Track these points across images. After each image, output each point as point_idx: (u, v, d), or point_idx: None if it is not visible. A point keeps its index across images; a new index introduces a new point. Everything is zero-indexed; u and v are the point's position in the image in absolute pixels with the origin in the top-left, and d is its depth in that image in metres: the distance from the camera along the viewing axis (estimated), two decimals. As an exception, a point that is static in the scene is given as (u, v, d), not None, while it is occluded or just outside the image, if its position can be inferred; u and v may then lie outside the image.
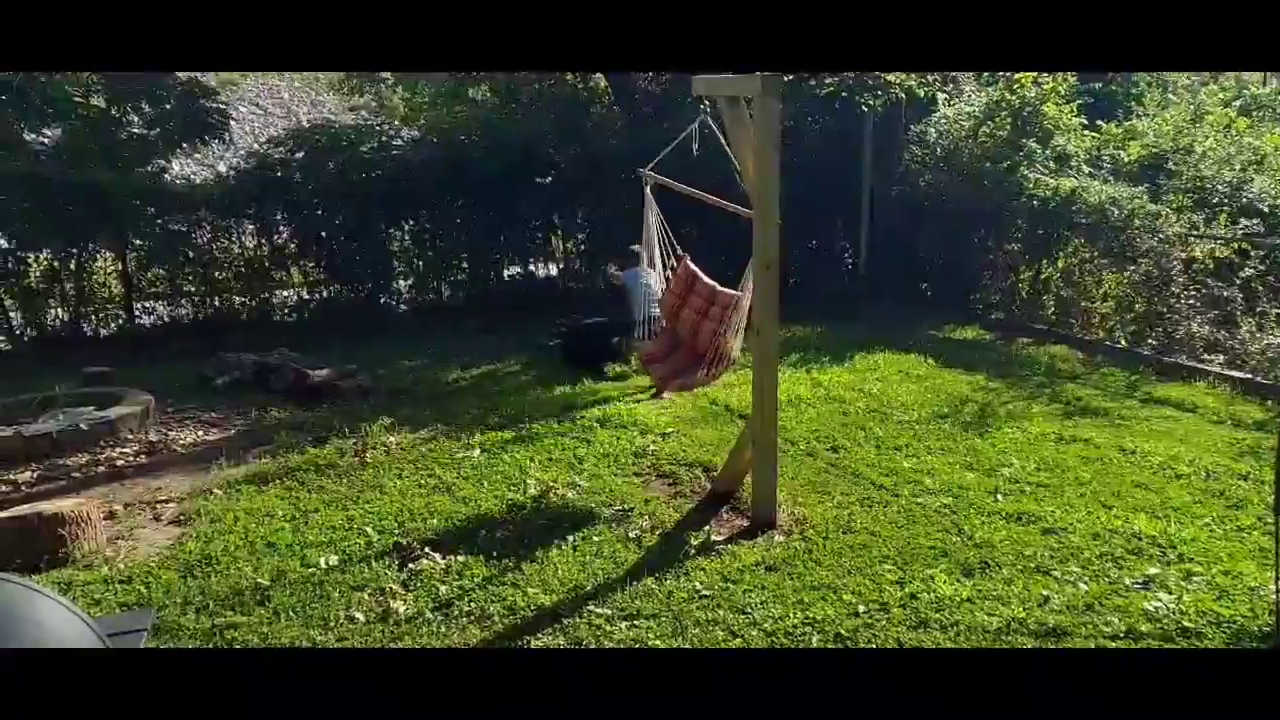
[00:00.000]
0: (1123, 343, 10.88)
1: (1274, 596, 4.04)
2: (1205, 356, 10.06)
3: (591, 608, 4.67)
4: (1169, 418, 7.96)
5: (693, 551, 5.23)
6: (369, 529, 5.63)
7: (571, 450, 7.02)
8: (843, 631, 4.35)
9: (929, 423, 7.69)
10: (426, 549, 5.29)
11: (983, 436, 7.32)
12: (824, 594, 4.72)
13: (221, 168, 13.27)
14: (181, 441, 7.56)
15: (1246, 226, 10.51)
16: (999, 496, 6.02)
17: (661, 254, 6.54)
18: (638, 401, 8.39)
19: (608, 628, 4.48)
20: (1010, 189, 12.16)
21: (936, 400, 8.37)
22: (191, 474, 6.79)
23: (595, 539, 5.46)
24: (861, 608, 4.58)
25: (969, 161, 12.77)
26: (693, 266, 6.39)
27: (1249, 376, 9.25)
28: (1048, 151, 12.41)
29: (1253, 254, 10.34)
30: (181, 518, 5.99)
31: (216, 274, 12.13)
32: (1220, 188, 11.43)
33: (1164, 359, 10.04)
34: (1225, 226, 10.79)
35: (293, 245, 12.47)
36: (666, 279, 6.61)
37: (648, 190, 6.32)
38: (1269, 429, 7.68)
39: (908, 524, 5.59)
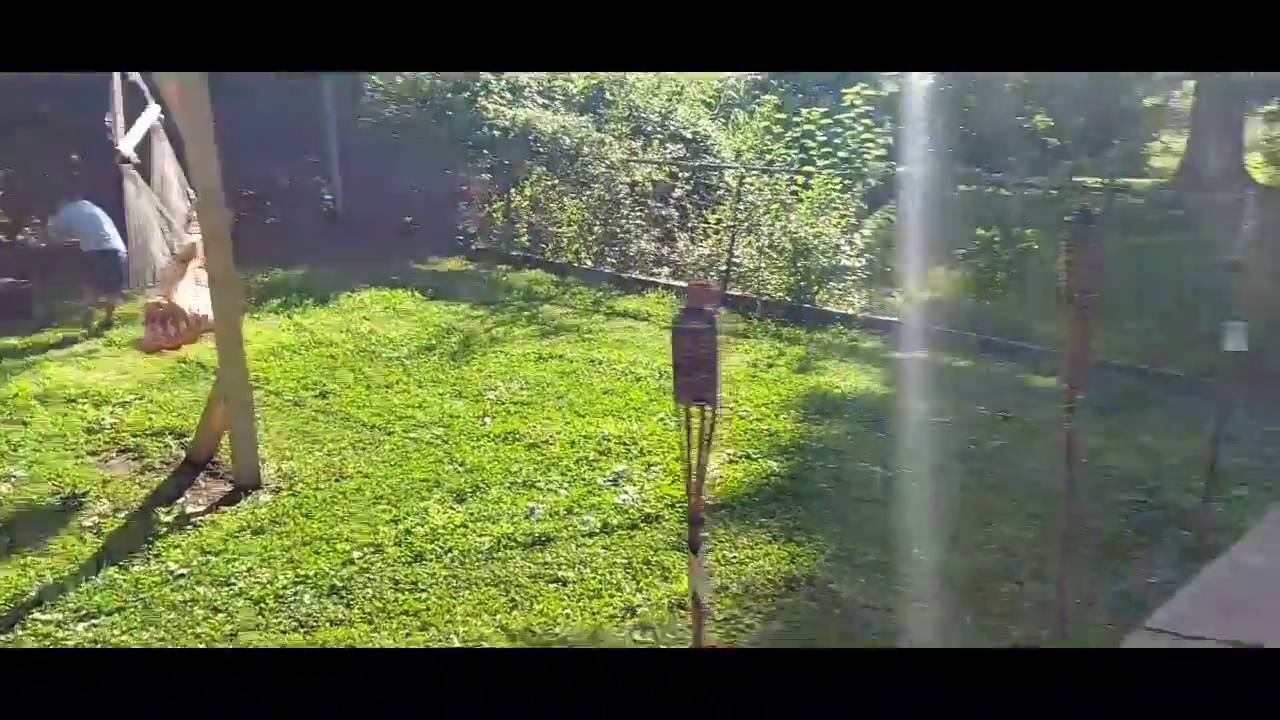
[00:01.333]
0: (588, 263, 11.88)
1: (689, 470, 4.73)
2: (655, 270, 11.38)
3: (37, 615, 3.96)
4: (629, 328, 8.87)
5: (164, 530, 4.67)
6: None
7: (4, 438, 5.85)
8: (337, 582, 4.19)
9: (418, 356, 7.71)
10: None
11: (469, 364, 7.52)
12: (316, 547, 4.50)
13: None
14: None
15: (673, 151, 11.97)
16: (487, 420, 6.23)
17: (163, 225, 5.58)
18: (87, 368, 7.26)
19: (59, 634, 3.83)
20: (473, 119, 12.50)
21: (425, 333, 8.42)
22: None
23: (39, 537, 4.63)
24: (356, 554, 4.45)
25: (430, 91, 12.83)
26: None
27: (687, 284, 10.65)
28: (503, 82, 12.91)
29: (680, 176, 11.84)
30: None
31: None
32: (652, 117, 12.85)
33: (622, 275, 11.17)
34: (658, 151, 12.18)
35: None
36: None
37: (127, 170, 5.31)
38: (705, 329, 8.90)
39: (401, 461, 5.55)
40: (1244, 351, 4.43)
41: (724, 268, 10.57)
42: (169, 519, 4.79)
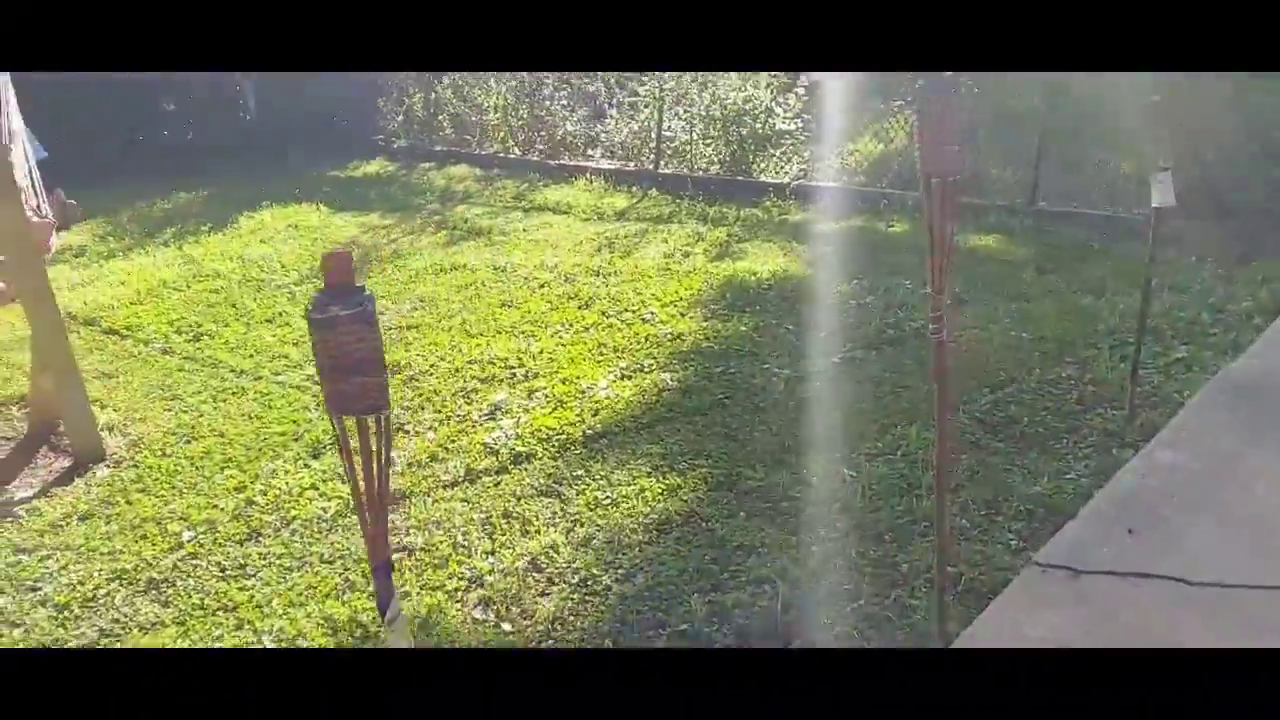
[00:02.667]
0: (516, 153, 11.08)
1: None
2: (588, 152, 10.59)
3: None
4: (546, 224, 8.20)
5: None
6: None
7: None
8: (157, 574, 3.72)
9: (308, 281, 7.09)
10: None
11: (364, 283, 6.91)
12: (144, 532, 4.02)
13: None
14: None
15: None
16: (367, 351, 5.66)
17: None
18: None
19: None
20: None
21: (324, 252, 7.77)
22: None
23: None
24: (188, 535, 3.97)
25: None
26: None
27: (617, 166, 9.89)
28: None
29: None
30: None
31: None
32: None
33: (550, 163, 10.39)
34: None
35: None
36: None
37: None
38: (627, 217, 8.24)
39: (262, 412, 5.02)
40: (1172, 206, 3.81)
41: (654, 144, 9.79)
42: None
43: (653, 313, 5.75)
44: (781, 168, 8.98)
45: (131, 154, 11.82)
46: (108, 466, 4.63)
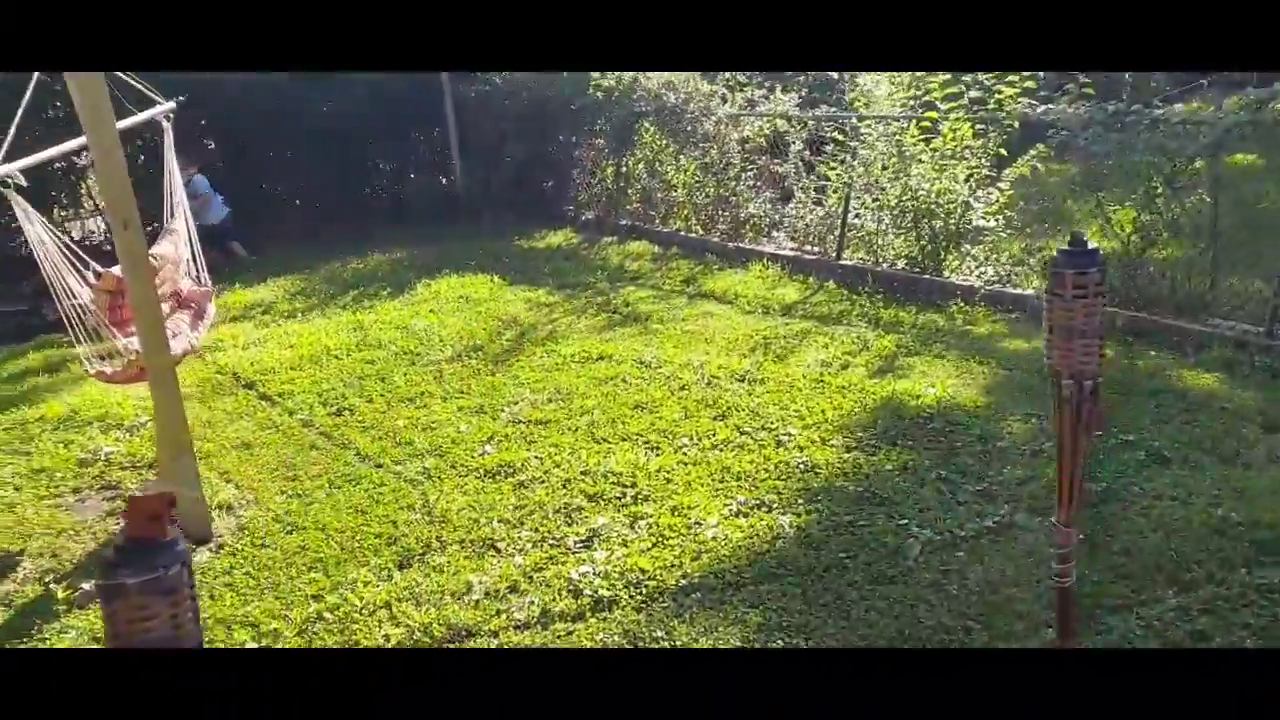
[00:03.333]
0: (698, 231, 10.82)
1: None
2: (773, 234, 10.18)
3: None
4: (707, 313, 7.82)
5: (66, 607, 4.19)
6: None
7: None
8: (205, 691, 3.55)
9: (460, 359, 7.02)
10: None
11: (511, 367, 6.76)
12: (212, 637, 3.88)
13: None
14: None
15: (785, 102, 10.60)
16: (489, 447, 5.44)
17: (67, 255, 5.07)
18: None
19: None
20: (581, 80, 11.63)
21: (482, 329, 7.72)
22: None
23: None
24: (251, 644, 3.80)
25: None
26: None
27: (797, 253, 9.40)
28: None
29: (804, 125, 10.47)
30: None
31: None
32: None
33: (729, 244, 10.04)
34: (789, 90, 10.86)
35: None
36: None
37: (11, 196, 4.53)
38: (794, 313, 7.72)
39: (371, 505, 4.87)
40: None
41: (838, 233, 9.22)
42: (87, 587, 4.31)
43: (791, 434, 5.19)
44: (977, 268, 8.18)
45: (343, 211, 12.49)
46: (210, 551, 4.59)
